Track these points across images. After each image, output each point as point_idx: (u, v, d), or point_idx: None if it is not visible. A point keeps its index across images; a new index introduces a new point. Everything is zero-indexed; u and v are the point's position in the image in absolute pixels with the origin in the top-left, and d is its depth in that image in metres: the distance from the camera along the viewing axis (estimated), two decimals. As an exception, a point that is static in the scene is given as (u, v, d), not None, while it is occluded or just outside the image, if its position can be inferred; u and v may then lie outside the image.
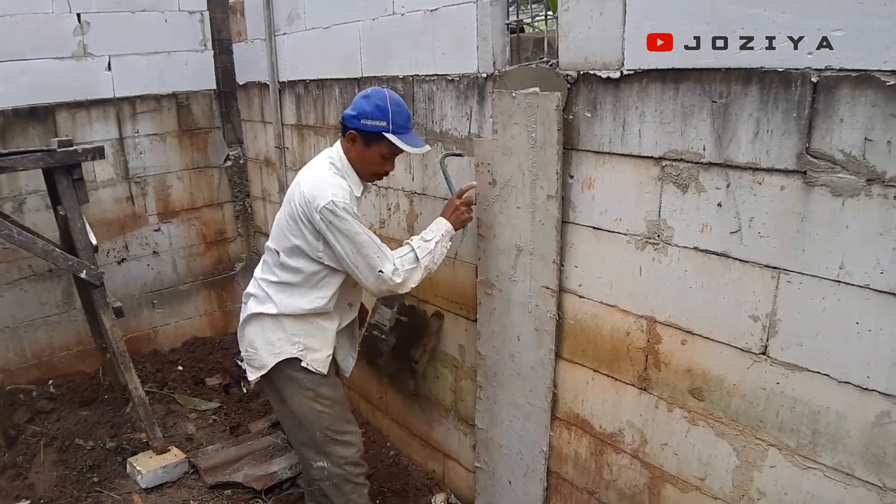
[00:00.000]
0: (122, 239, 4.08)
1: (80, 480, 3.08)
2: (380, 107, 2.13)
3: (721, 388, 1.80)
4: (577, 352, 2.20)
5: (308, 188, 2.15)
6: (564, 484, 2.39)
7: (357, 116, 2.15)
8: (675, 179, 1.79)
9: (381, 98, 2.14)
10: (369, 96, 2.16)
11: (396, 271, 2.18)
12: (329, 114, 3.33)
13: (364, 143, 2.18)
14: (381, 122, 2.12)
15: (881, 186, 1.40)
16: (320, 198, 2.09)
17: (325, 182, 2.15)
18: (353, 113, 2.16)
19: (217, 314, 4.61)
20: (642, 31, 1.77)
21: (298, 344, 2.31)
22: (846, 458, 1.56)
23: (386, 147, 2.17)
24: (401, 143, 2.14)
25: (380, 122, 2.12)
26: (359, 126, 2.15)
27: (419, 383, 3.04)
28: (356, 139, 2.18)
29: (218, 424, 3.69)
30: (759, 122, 1.58)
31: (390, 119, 2.13)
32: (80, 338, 3.96)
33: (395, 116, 2.13)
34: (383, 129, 2.13)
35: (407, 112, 2.20)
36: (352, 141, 2.19)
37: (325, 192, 2.10)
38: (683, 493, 1.96)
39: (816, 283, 1.54)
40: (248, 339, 2.41)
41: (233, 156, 4.44)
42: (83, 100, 3.78)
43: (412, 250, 2.23)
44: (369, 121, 2.13)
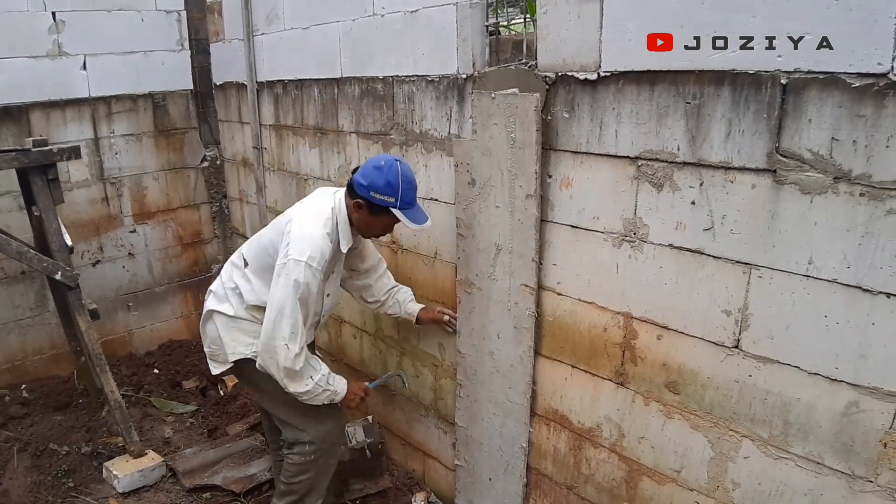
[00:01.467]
0: (96, 240, 4.01)
1: (55, 486, 3.03)
2: (391, 184, 2.18)
3: (696, 381, 1.84)
4: (556, 348, 2.23)
5: (297, 233, 2.21)
6: (544, 479, 2.41)
7: (368, 188, 2.20)
8: (650, 178, 1.82)
9: (393, 175, 2.19)
10: (382, 169, 2.20)
11: (298, 357, 2.23)
12: (308, 114, 3.32)
13: (370, 212, 2.25)
14: (391, 198, 2.19)
15: (847, 184, 1.45)
16: (299, 250, 2.17)
17: (313, 240, 2.20)
18: (364, 183, 2.21)
19: (193, 317, 4.55)
20: (619, 35, 1.81)
21: (252, 345, 2.37)
22: (816, 447, 1.61)
23: (390, 219, 2.25)
24: (406, 220, 2.21)
25: (389, 198, 2.19)
26: (368, 197, 2.21)
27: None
28: (362, 206, 2.25)
29: (195, 427, 3.64)
30: (731, 122, 1.62)
31: (399, 196, 2.19)
32: (53, 341, 3.89)
33: (404, 194, 2.20)
34: (391, 205, 2.20)
35: (415, 187, 2.27)
36: (358, 207, 2.26)
37: (305, 248, 2.17)
38: (660, 486, 2.00)
39: (786, 277, 1.59)
40: (209, 335, 2.52)
41: (210, 156, 4.40)
42: (58, 99, 3.72)
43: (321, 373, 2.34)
44: (379, 195, 2.19)
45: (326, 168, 3.28)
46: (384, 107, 2.78)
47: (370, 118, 2.88)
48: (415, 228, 2.26)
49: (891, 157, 1.37)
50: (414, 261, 2.82)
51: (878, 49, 1.34)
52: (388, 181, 2.18)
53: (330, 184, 3.26)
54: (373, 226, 2.32)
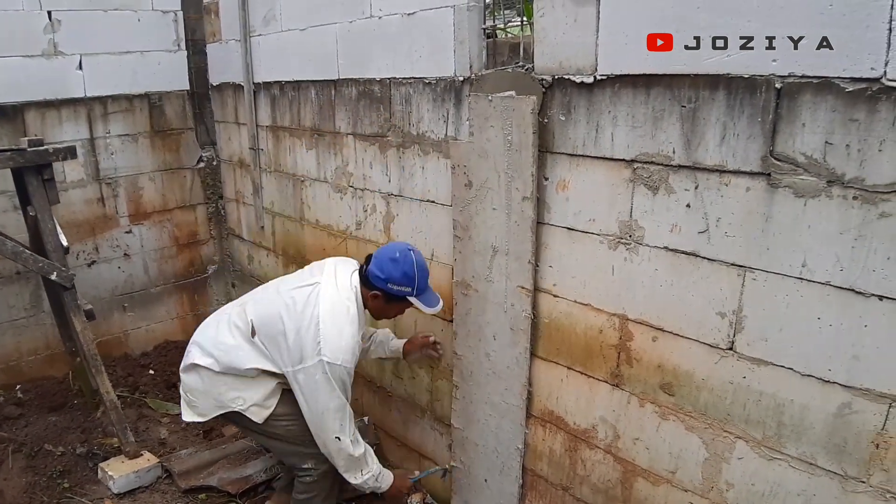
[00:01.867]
0: (92, 241, 4.01)
1: (49, 487, 3.02)
2: (408, 274, 2.29)
3: (690, 383, 1.85)
4: (552, 350, 2.24)
5: (329, 333, 2.23)
6: (539, 481, 2.42)
7: (385, 280, 2.30)
8: (646, 181, 1.84)
9: (409, 265, 2.29)
10: (398, 262, 2.29)
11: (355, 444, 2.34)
12: (305, 115, 3.33)
13: (385, 301, 2.36)
14: (408, 287, 2.30)
15: (841, 188, 1.46)
16: (333, 351, 2.22)
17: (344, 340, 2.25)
18: (381, 276, 2.30)
19: (189, 317, 4.55)
20: (616, 38, 1.83)
21: (239, 399, 2.40)
22: (810, 448, 1.62)
23: (405, 304, 2.38)
24: (422, 305, 2.34)
25: (406, 288, 2.30)
26: (385, 288, 2.31)
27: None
28: (379, 297, 2.35)
29: (191, 429, 3.63)
30: (725, 126, 1.64)
31: (416, 286, 2.30)
32: (48, 342, 3.89)
33: (420, 282, 2.30)
34: (408, 294, 2.31)
35: (428, 273, 2.37)
36: (375, 297, 2.35)
37: (338, 351, 2.23)
38: (655, 487, 2.02)
39: (780, 280, 1.60)
40: (189, 385, 2.49)
41: (206, 157, 4.40)
42: (53, 99, 3.71)
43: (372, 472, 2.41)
44: (396, 286, 2.30)
45: (323, 169, 3.29)
46: (381, 108, 2.79)
47: (367, 120, 2.89)
48: (429, 312, 2.38)
49: (883, 162, 1.39)
50: (410, 262, 2.82)
51: (871, 54, 1.36)
52: (404, 272, 2.28)
53: (327, 185, 3.27)
54: (388, 310, 2.44)
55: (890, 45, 1.33)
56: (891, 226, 1.40)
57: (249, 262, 4.33)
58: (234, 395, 2.40)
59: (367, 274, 2.36)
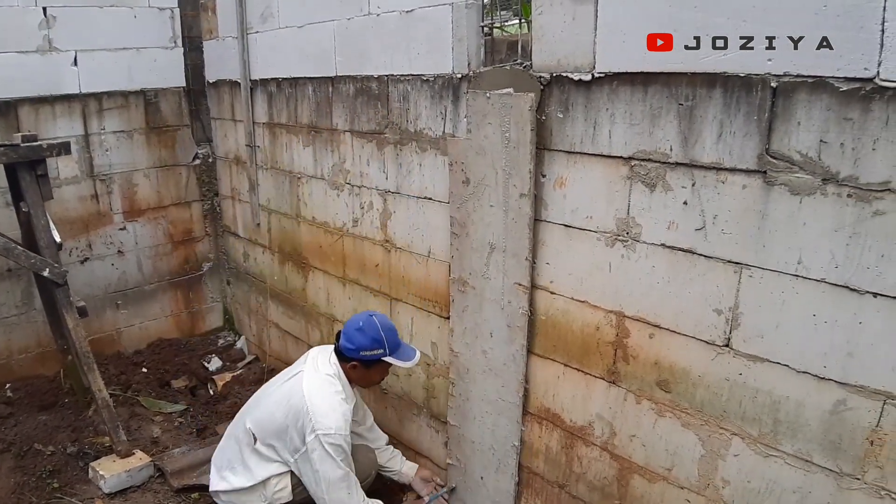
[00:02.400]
0: (85, 238, 4.00)
1: (39, 487, 3.01)
2: (376, 339, 2.46)
3: (687, 379, 1.88)
4: (549, 347, 2.26)
5: (317, 409, 2.40)
6: (536, 478, 2.45)
7: (356, 350, 2.46)
8: (643, 178, 1.87)
9: (374, 330, 2.46)
10: (363, 330, 2.46)
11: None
12: (302, 112, 3.35)
13: (364, 368, 2.51)
14: (379, 349, 2.46)
15: (835, 186, 1.49)
16: (325, 425, 2.38)
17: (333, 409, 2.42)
18: (351, 346, 2.47)
19: (184, 315, 4.56)
20: (614, 36, 1.85)
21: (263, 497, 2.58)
22: (805, 445, 1.65)
23: (385, 365, 2.52)
24: (398, 362, 2.48)
25: (377, 351, 2.46)
26: (359, 357, 2.47)
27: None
28: (357, 367, 2.51)
29: (184, 427, 3.65)
30: (722, 124, 1.67)
31: (387, 346, 2.46)
32: (39, 340, 3.88)
33: (389, 342, 2.47)
34: (382, 356, 2.46)
35: (396, 331, 2.54)
36: (354, 368, 2.52)
37: (329, 422, 2.38)
38: (651, 484, 2.04)
39: (776, 277, 1.63)
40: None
41: (202, 154, 4.41)
42: (47, 95, 3.71)
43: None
44: (368, 352, 2.46)
45: (320, 167, 3.31)
46: (379, 106, 2.81)
47: (364, 117, 2.92)
48: (407, 367, 2.53)
49: (877, 160, 1.42)
50: (407, 260, 2.85)
51: (865, 54, 1.39)
52: (372, 338, 2.45)
53: (323, 182, 3.29)
54: (371, 377, 2.58)
55: (883, 46, 1.36)
56: (885, 224, 1.43)
57: (245, 260, 4.34)
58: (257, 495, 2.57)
59: (340, 349, 2.53)
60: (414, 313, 2.88)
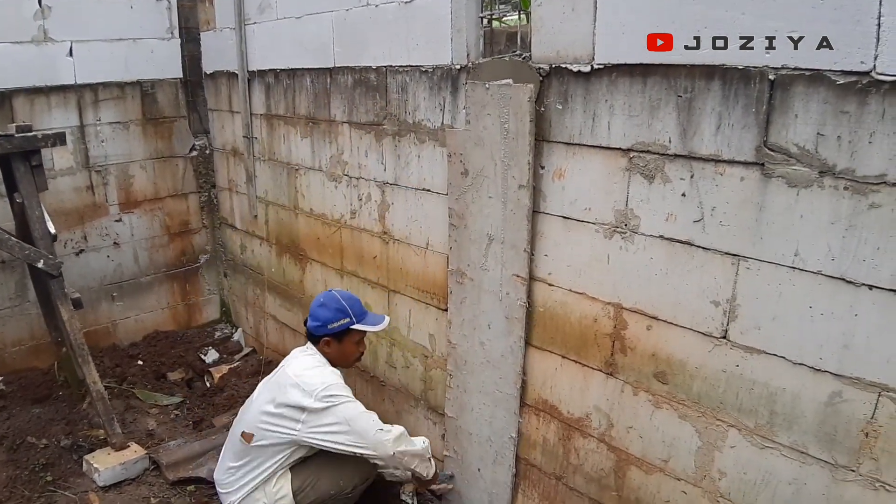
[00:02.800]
0: (80, 229, 4.01)
1: (32, 480, 3.00)
2: (339, 309, 2.52)
3: (684, 371, 1.90)
4: (547, 339, 2.29)
5: (304, 378, 2.44)
6: (533, 470, 2.47)
7: (323, 324, 2.52)
8: (642, 170, 1.88)
9: (335, 301, 2.54)
10: (325, 305, 2.53)
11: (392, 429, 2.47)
12: (300, 104, 3.36)
13: (338, 341, 2.55)
14: (345, 319, 2.51)
15: (832, 178, 1.52)
16: (314, 386, 2.40)
17: (318, 369, 2.49)
18: (318, 323, 2.53)
19: (180, 307, 4.58)
20: (613, 28, 1.87)
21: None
22: (801, 437, 1.68)
23: (356, 334, 2.57)
24: (366, 327, 2.55)
25: (344, 321, 2.51)
26: (328, 331, 2.52)
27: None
28: (330, 342, 2.55)
29: (180, 419, 3.66)
30: (721, 116, 1.69)
31: (351, 313, 2.52)
32: (33, 332, 3.89)
33: (353, 309, 2.53)
34: (349, 324, 2.51)
35: (359, 301, 2.62)
36: (327, 344, 2.55)
37: (316, 380, 2.42)
38: (648, 476, 2.07)
39: (773, 269, 1.66)
40: None
41: (199, 145, 4.42)
42: (42, 86, 3.71)
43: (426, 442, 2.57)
44: (335, 324, 2.51)
45: (318, 158, 3.32)
46: (377, 97, 2.83)
47: (363, 108, 2.93)
48: (377, 330, 2.59)
49: (873, 153, 1.44)
50: (405, 251, 2.87)
51: (861, 48, 1.41)
52: (335, 309, 2.51)
53: (321, 173, 3.31)
54: (347, 351, 2.60)
55: (879, 40, 1.38)
56: (880, 216, 1.45)
57: (242, 252, 4.35)
58: (259, 503, 2.56)
59: (310, 331, 2.57)
60: (412, 305, 2.91)
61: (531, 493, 2.52)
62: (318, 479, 2.58)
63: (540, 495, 2.48)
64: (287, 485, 2.56)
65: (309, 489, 2.57)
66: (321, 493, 2.58)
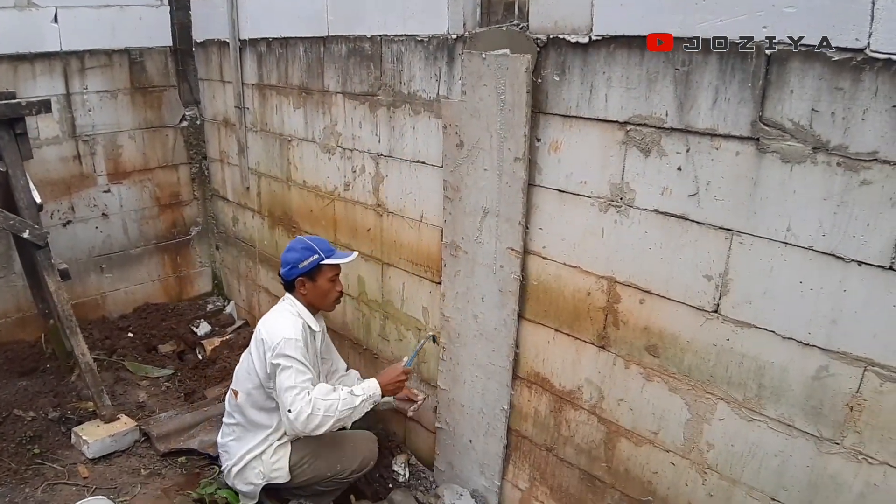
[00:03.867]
0: (67, 200, 4.02)
1: (18, 453, 3.03)
2: (306, 248, 2.60)
3: (676, 345, 1.96)
4: (540, 312, 2.34)
5: (267, 332, 2.51)
6: (524, 441, 2.54)
7: (293, 266, 2.59)
8: (638, 143, 1.91)
9: (301, 243, 2.64)
10: (292, 248, 2.63)
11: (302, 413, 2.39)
12: (292, 73, 3.35)
13: (311, 281, 2.61)
14: (313, 256, 2.58)
15: (825, 154, 1.55)
16: (273, 337, 2.46)
17: (280, 324, 2.53)
18: (289, 267, 2.60)
19: (171, 279, 4.61)
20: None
21: (257, 472, 2.65)
22: (788, 410, 1.74)
23: (328, 270, 2.62)
24: (336, 260, 2.62)
25: (313, 258, 2.58)
26: (300, 272, 2.59)
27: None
28: (305, 283, 2.61)
29: (172, 392, 3.71)
30: (717, 90, 1.71)
31: (318, 250, 2.59)
32: (19, 304, 3.91)
33: (320, 247, 2.61)
34: (318, 260, 2.58)
35: (325, 240, 2.72)
36: (302, 285, 2.62)
37: (276, 334, 2.47)
38: (637, 447, 2.13)
39: (766, 244, 1.70)
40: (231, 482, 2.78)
41: (189, 116, 4.41)
42: (27, 52, 3.69)
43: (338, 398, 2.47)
44: (304, 262, 2.57)
45: (311, 129, 3.33)
46: (372, 67, 2.83)
47: (357, 78, 2.93)
48: (347, 262, 2.65)
49: (866, 130, 1.47)
50: (399, 224, 2.90)
51: (856, 25, 1.44)
52: (302, 248, 2.60)
53: (314, 145, 3.32)
54: (321, 289, 2.64)
55: (874, 18, 1.41)
56: (871, 193, 1.49)
57: (234, 224, 4.37)
58: (255, 471, 2.64)
59: (284, 279, 2.65)
60: (406, 278, 2.95)
61: (522, 464, 2.59)
62: (316, 458, 2.65)
63: (531, 466, 2.56)
64: (286, 458, 2.63)
65: (306, 466, 2.64)
66: (317, 472, 2.66)
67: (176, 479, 3.01)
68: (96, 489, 2.89)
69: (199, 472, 3.06)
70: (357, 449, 2.72)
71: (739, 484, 1.89)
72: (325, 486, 2.73)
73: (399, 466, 3.10)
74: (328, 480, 2.70)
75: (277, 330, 2.49)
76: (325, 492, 2.77)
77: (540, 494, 2.56)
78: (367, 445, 2.78)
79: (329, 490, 2.77)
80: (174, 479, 3.02)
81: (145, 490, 2.92)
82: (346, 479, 2.72)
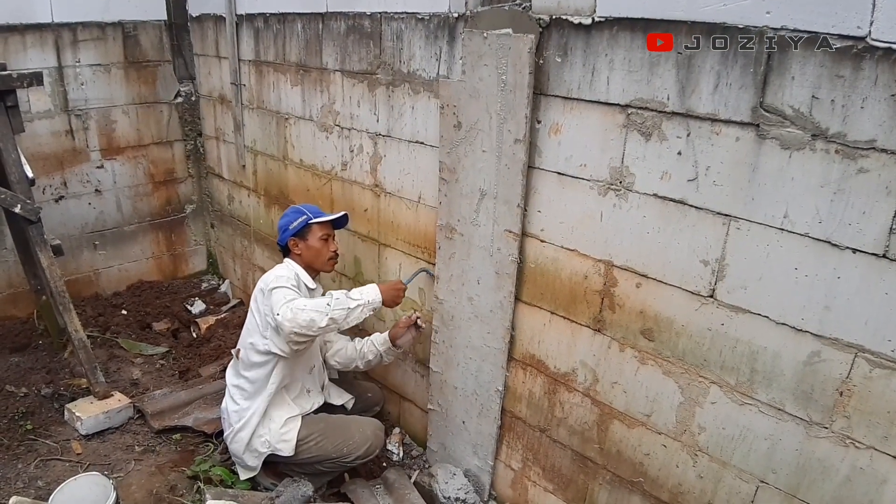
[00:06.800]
0: (60, 175, 4.01)
1: (11, 429, 3.06)
2: (294, 210, 2.80)
3: (670, 329, 1.99)
4: (536, 295, 2.37)
5: (264, 281, 2.61)
6: (518, 422, 2.59)
7: (286, 230, 2.76)
8: (639, 127, 1.93)
9: (293, 209, 2.82)
10: (285, 214, 2.82)
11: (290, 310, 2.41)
12: (290, 50, 3.34)
13: (304, 241, 2.75)
14: (302, 217, 2.75)
15: (824, 142, 1.57)
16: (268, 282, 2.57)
17: (276, 273, 2.65)
18: (283, 231, 2.77)
19: (165, 257, 4.62)
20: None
21: (263, 440, 2.70)
22: (779, 394, 1.78)
23: (318, 230, 2.75)
24: (323, 218, 2.76)
25: (301, 218, 2.74)
26: (291, 233, 2.75)
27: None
28: (298, 243, 2.75)
29: (166, 369, 3.74)
30: (719, 75, 1.73)
31: (307, 212, 2.76)
32: (11, 280, 3.92)
33: (308, 210, 2.78)
34: (307, 221, 2.74)
35: (315, 206, 2.92)
36: (295, 246, 2.77)
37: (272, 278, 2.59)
38: (630, 430, 2.18)
39: (763, 230, 1.73)
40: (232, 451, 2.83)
41: (184, 92, 4.39)
42: (17, 24, 3.65)
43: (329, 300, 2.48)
44: (294, 223, 2.74)
45: (309, 107, 3.33)
46: (371, 45, 2.83)
47: (356, 56, 2.93)
48: (335, 218, 2.78)
49: (865, 118, 1.49)
50: (397, 205, 2.92)
51: (858, 13, 1.45)
52: (293, 211, 2.79)
53: (312, 123, 3.32)
54: (314, 249, 2.75)
55: (875, 6, 1.42)
56: (868, 181, 1.52)
57: (230, 203, 4.38)
58: (262, 440, 2.69)
59: (280, 245, 2.81)
60: (402, 259, 2.97)
61: (515, 445, 2.64)
62: (324, 437, 2.70)
63: (524, 447, 2.60)
64: (295, 430, 2.68)
65: (312, 443, 2.68)
66: (323, 451, 2.70)
67: (170, 455, 3.06)
68: (90, 465, 2.92)
69: (194, 450, 3.10)
70: (365, 435, 2.76)
71: (729, 466, 1.93)
72: (327, 466, 2.76)
73: (393, 446, 3.15)
74: (331, 462, 2.73)
75: (271, 274, 2.63)
76: (324, 472, 2.81)
77: (532, 474, 2.61)
78: (374, 433, 2.81)
79: (329, 471, 2.81)
80: (168, 455, 3.06)
81: (139, 467, 2.96)
82: (350, 463, 2.76)
